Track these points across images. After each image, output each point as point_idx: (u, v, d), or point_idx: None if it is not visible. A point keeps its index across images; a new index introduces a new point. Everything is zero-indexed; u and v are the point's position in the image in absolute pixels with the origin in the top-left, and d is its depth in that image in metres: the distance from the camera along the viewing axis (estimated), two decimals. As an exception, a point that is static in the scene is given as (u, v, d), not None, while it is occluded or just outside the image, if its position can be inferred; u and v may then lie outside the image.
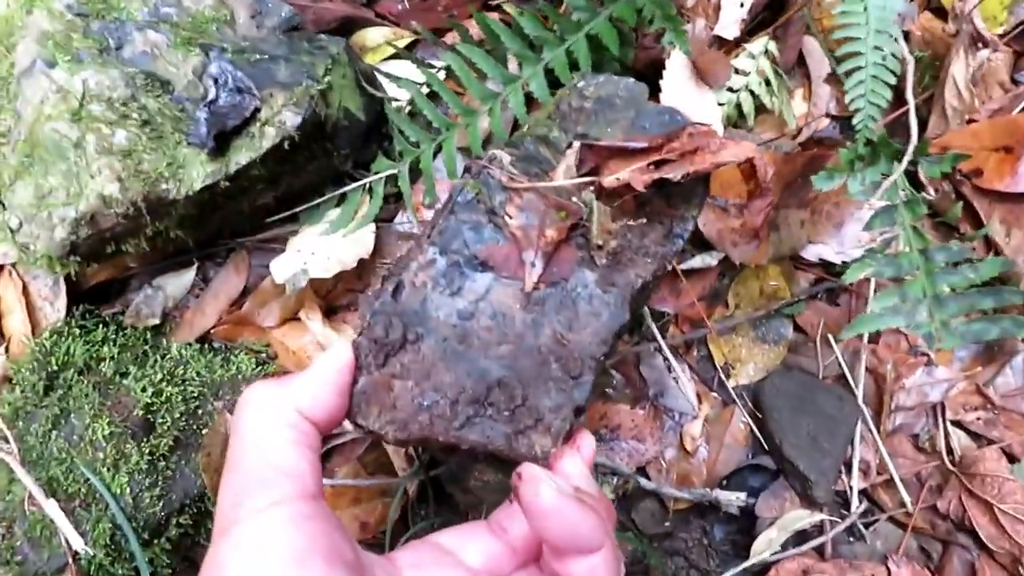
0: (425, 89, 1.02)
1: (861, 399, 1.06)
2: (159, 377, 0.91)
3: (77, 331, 0.94)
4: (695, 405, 1.06)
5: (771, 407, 1.05)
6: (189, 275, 1.01)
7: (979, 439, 1.06)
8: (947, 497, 1.04)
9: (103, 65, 0.81)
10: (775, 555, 1.00)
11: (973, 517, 1.01)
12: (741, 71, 1.04)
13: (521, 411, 0.58)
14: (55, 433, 0.85)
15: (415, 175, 1.02)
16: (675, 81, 1.01)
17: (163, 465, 0.88)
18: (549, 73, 0.95)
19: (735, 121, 1.06)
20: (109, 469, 0.84)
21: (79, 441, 0.85)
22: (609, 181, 0.66)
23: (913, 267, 0.82)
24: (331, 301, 1.04)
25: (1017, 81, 1.10)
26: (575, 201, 0.65)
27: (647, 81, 1.01)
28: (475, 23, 0.96)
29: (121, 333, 0.97)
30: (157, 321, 0.99)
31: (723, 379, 1.10)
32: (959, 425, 1.07)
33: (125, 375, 0.91)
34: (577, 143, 0.68)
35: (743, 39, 1.07)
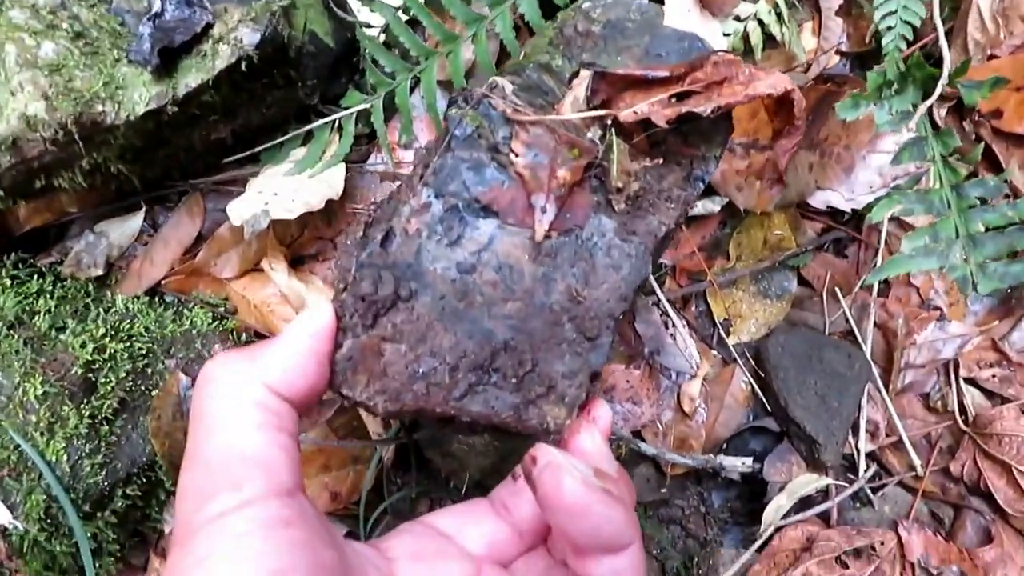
0: (402, 13, 0.91)
1: (869, 356, 0.99)
2: (101, 332, 0.81)
3: (8, 282, 0.84)
4: (694, 363, 0.99)
5: (775, 365, 0.98)
6: (136, 220, 0.90)
7: (994, 397, 1.00)
8: (960, 459, 0.98)
9: (26, -32, 0.69)
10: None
11: (989, 480, 0.94)
12: (750, -2, 0.95)
13: (531, 378, 0.50)
14: (-20, 394, 0.75)
15: (390, 111, 0.92)
16: (678, 8, 0.92)
17: (106, 430, 0.78)
18: (540, -7, 0.85)
19: (740, 54, 0.97)
20: (43, 434, 0.74)
21: (7, 403, 0.75)
22: (627, 115, 0.56)
23: (945, 204, 0.74)
24: (297, 250, 0.95)
25: (1039, 15, 1.02)
26: (589, 138, 0.56)
27: (648, 5, 0.92)
28: (457, -64, 0.86)
29: (59, 285, 0.86)
30: (100, 272, 0.88)
31: (723, 336, 1.02)
32: (973, 383, 1.00)
33: (62, 330, 0.81)
34: (588, 71, 0.58)
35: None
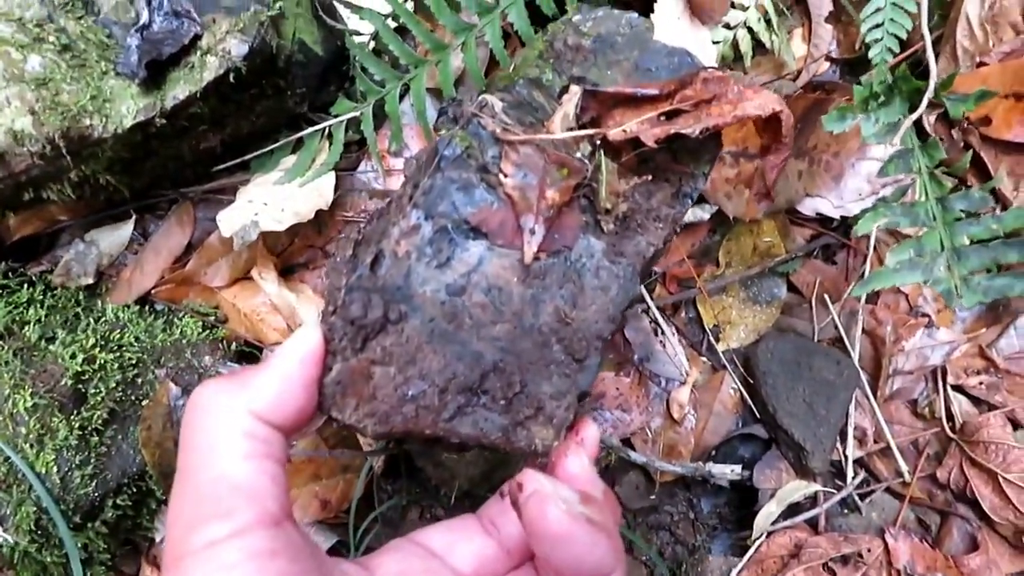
0: (392, 22, 0.91)
1: (857, 362, 1.00)
2: (91, 342, 0.81)
3: (-2, 291, 0.83)
4: (684, 370, 0.99)
5: (764, 372, 0.98)
6: (127, 229, 0.90)
7: (981, 404, 1.00)
8: (947, 466, 0.98)
9: (13, -20, 0.69)
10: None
11: (975, 487, 0.95)
12: (739, 6, 0.95)
13: (519, 399, 0.50)
14: (-31, 406, 0.75)
15: (380, 119, 0.92)
16: (667, 16, 0.92)
17: (96, 440, 0.78)
18: (531, 5, 0.85)
19: (730, 62, 0.97)
20: (33, 446, 0.74)
21: (-2, 415, 0.75)
22: (615, 134, 0.56)
23: (930, 217, 0.75)
24: (287, 259, 0.95)
25: (1029, 22, 1.02)
26: (578, 157, 0.56)
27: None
28: (446, -54, 0.86)
29: (49, 294, 0.87)
30: (91, 280, 0.88)
31: (712, 343, 1.02)
32: (960, 390, 1.01)
33: (52, 340, 0.81)
34: (577, 88, 0.58)
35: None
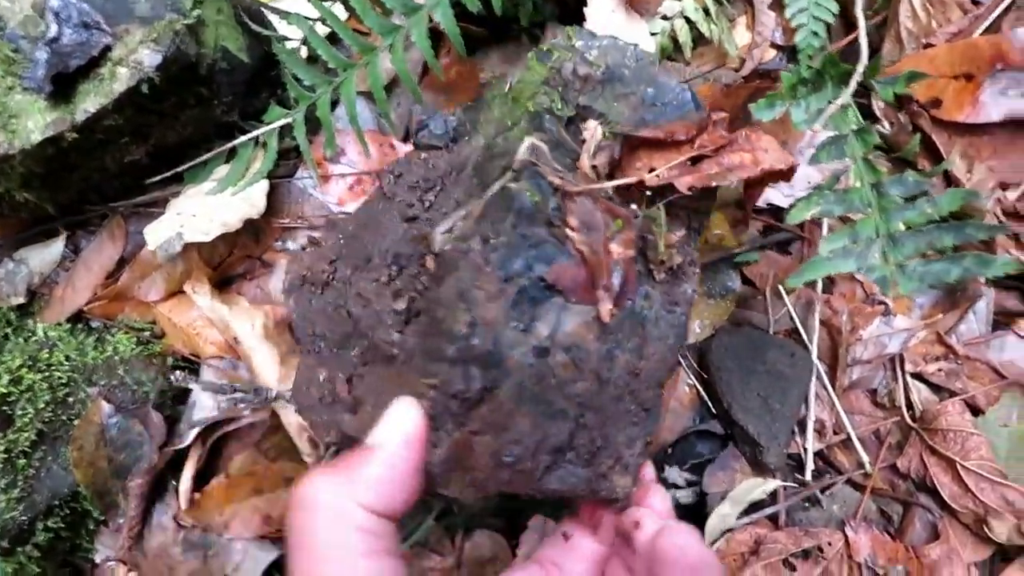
0: (320, 27, 0.90)
1: (815, 354, 0.98)
2: (18, 363, 0.79)
3: (-73, 314, 0.82)
4: (636, 368, 0.97)
5: (718, 367, 0.96)
6: (57, 246, 0.89)
7: (941, 391, 0.98)
8: (907, 455, 0.96)
9: (-89, -3, 0.68)
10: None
11: (935, 476, 0.93)
12: (676, -6, 0.93)
13: (601, 453, 0.51)
14: None
15: (314, 125, 0.91)
16: (601, 8, 0.91)
17: (24, 463, 0.77)
18: (457, 4, 0.84)
19: (670, 53, 0.95)
20: (-45, 471, 0.73)
21: (-83, 441, 0.73)
22: (651, 180, 0.56)
23: (865, 204, 0.73)
24: (225, 270, 0.93)
25: (977, 1, 1.00)
26: (629, 207, 0.55)
27: (571, 8, 0.91)
28: (370, -55, 0.84)
29: (-20, 315, 0.85)
30: (22, 299, 0.87)
31: (667, 339, 1.00)
32: (919, 377, 0.99)
33: (-23, 363, 0.79)
34: (595, 126, 0.57)
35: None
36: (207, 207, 0.85)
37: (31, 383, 0.79)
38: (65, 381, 0.81)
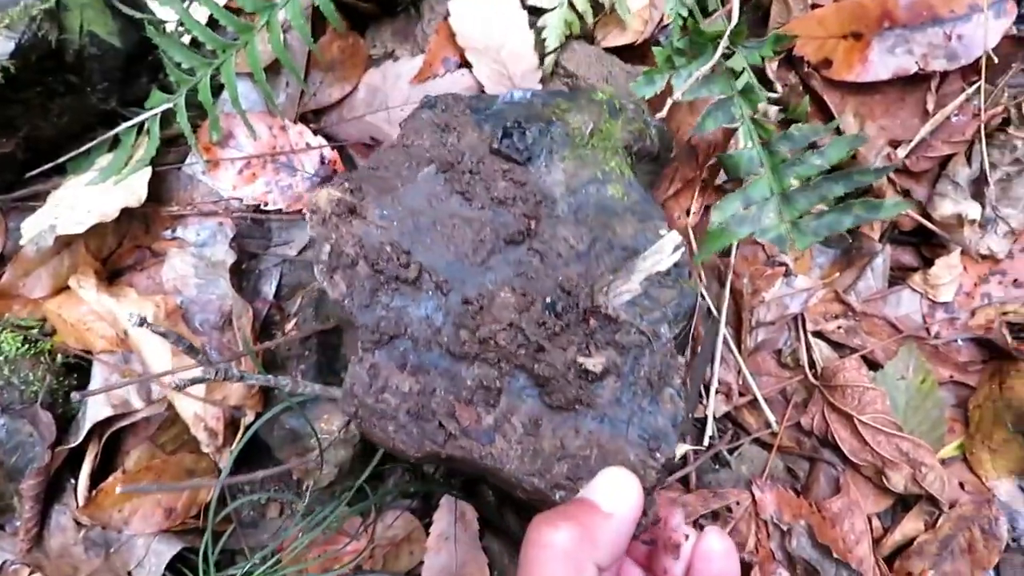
0: (198, 7, 0.87)
1: (723, 320, 0.99)
2: None
3: None
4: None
5: (624, 335, 0.97)
6: (-67, 245, 0.86)
7: (841, 348, 1.00)
8: (810, 413, 0.98)
9: None
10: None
11: (835, 431, 0.95)
12: (564, -34, 0.92)
13: None
14: None
15: (199, 110, 0.88)
16: None
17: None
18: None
19: (576, 28, 0.94)
20: None
21: None
22: None
23: (756, 163, 0.73)
24: (116, 262, 0.91)
25: (864, -41, 1.01)
26: None
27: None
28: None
29: None
30: (-101, 302, 0.84)
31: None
32: (821, 336, 1.01)
33: None
34: None
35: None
36: (85, 198, 0.83)
37: (-93, 389, 0.77)
38: (-54, 384, 0.79)
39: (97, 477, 0.85)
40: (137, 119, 0.88)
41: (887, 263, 1.01)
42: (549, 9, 0.92)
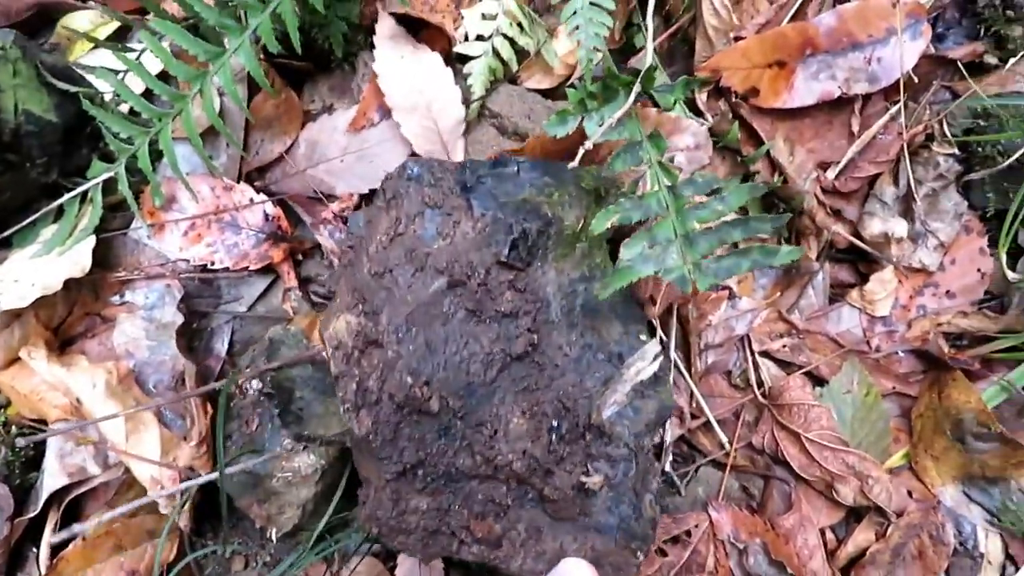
0: (134, 78, 0.89)
1: (672, 345, 1.01)
2: None
3: None
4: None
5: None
6: None
7: (788, 366, 1.03)
8: (761, 431, 1.01)
9: None
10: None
11: (785, 448, 0.98)
12: (488, 16, 0.95)
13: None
14: None
15: (137, 176, 0.90)
16: (387, 46, 0.92)
17: None
18: (257, 40, 0.84)
19: (500, 74, 0.97)
20: None
21: None
22: None
23: (662, 207, 0.76)
24: (68, 330, 0.92)
25: (783, -11, 1.04)
26: None
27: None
28: (168, -4, 0.84)
29: None
30: None
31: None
32: (767, 355, 1.03)
33: None
34: None
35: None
36: (29, 271, 0.84)
37: None
38: (-100, 465, 0.80)
39: (58, 546, 0.86)
40: (79, 189, 0.89)
41: (826, 281, 1.04)
42: (475, 57, 0.95)
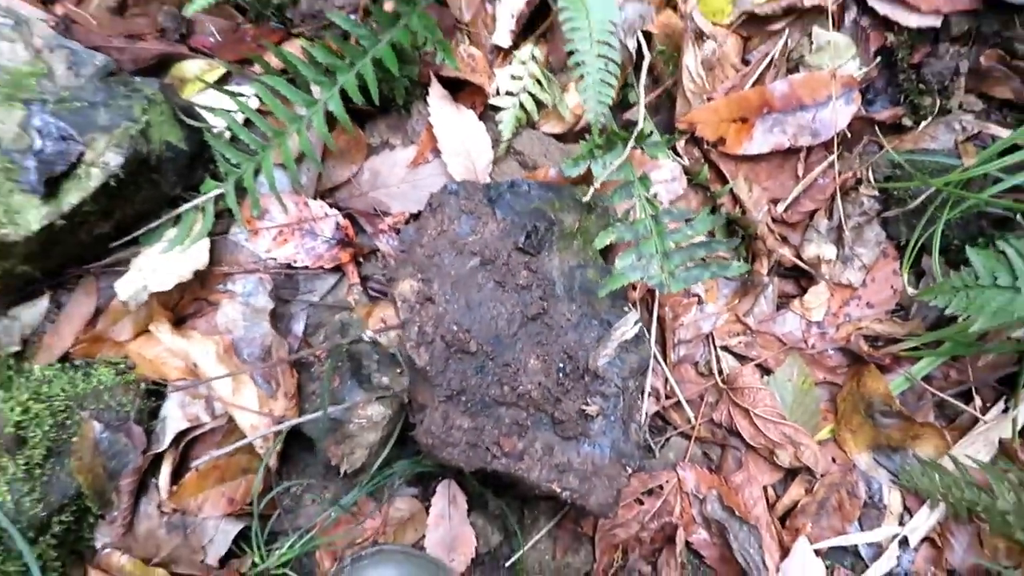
0: (240, 116, 1.15)
1: (653, 340, 1.28)
2: (25, 397, 1.03)
3: (-58, 365, 1.04)
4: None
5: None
6: (42, 303, 1.12)
7: (743, 359, 1.30)
8: (720, 409, 1.27)
9: (-69, 130, 0.91)
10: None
11: (738, 422, 1.24)
12: (516, 77, 1.22)
13: None
14: (-67, 457, 0.97)
15: (242, 192, 1.16)
16: (439, 107, 1.19)
17: (39, 472, 1.00)
18: (343, 94, 1.11)
19: (524, 121, 1.24)
20: (-12, 481, 0.97)
21: (-43, 461, 0.97)
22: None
23: (648, 230, 1.03)
24: (180, 311, 1.18)
25: (747, 61, 1.32)
26: None
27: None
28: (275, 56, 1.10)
29: (-16, 362, 1.08)
30: (17, 348, 1.10)
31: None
32: (727, 349, 1.30)
33: (-7, 399, 1.02)
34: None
35: (517, 45, 1.25)
36: (162, 263, 1.10)
37: (36, 412, 1.03)
38: (63, 408, 1.05)
39: (175, 476, 1.11)
40: (196, 201, 1.15)
41: (775, 292, 1.31)
42: (504, 108, 1.22)
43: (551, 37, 1.27)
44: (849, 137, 1.30)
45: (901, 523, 1.21)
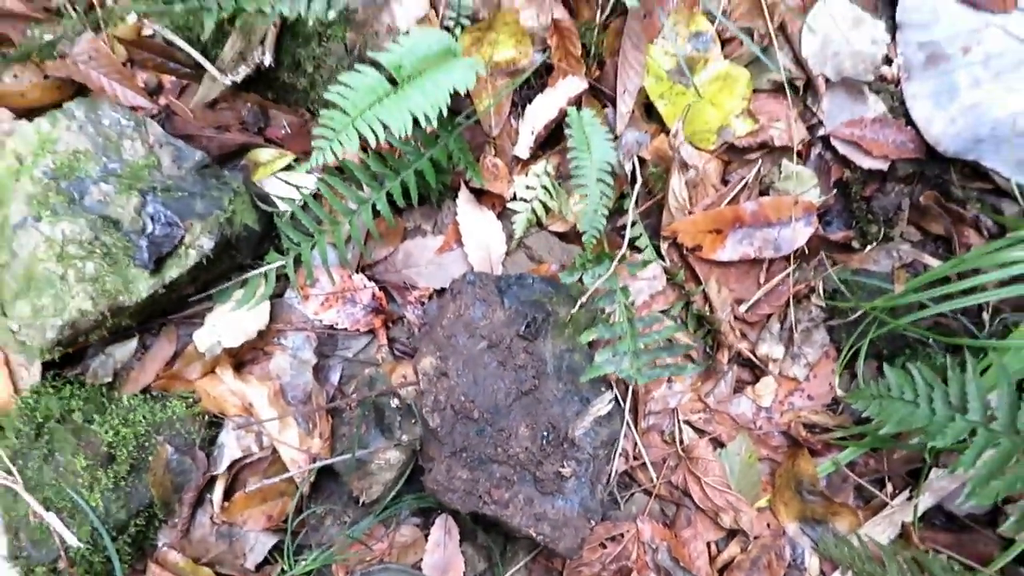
0: (302, 202, 1.41)
1: (627, 409, 1.53)
2: (116, 422, 1.29)
3: (50, 390, 1.31)
4: (507, 419, 1.51)
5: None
6: (132, 344, 1.38)
7: (701, 432, 1.55)
8: (678, 473, 1.52)
9: (73, 215, 1.18)
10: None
11: (691, 486, 1.49)
12: (530, 187, 1.48)
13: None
14: (46, 467, 1.23)
15: (298, 264, 1.42)
16: (465, 209, 1.45)
17: (124, 484, 1.26)
18: (389, 196, 1.37)
19: (534, 222, 1.50)
20: (86, 489, 1.22)
21: (64, 471, 1.23)
22: None
23: (624, 331, 1.28)
24: (240, 358, 1.44)
25: (726, 181, 1.57)
26: None
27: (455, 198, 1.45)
28: (337, 160, 1.36)
29: (82, 389, 1.34)
30: (110, 379, 1.36)
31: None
32: (688, 423, 1.55)
33: (91, 422, 1.29)
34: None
35: (536, 156, 1.51)
36: (231, 319, 1.36)
37: (124, 435, 1.29)
38: (144, 432, 1.31)
39: (227, 494, 1.37)
40: (261, 270, 1.41)
41: (733, 378, 1.56)
42: (519, 212, 1.48)
43: (562, 152, 1.53)
44: (807, 253, 1.55)
45: (820, 583, 1.46)
